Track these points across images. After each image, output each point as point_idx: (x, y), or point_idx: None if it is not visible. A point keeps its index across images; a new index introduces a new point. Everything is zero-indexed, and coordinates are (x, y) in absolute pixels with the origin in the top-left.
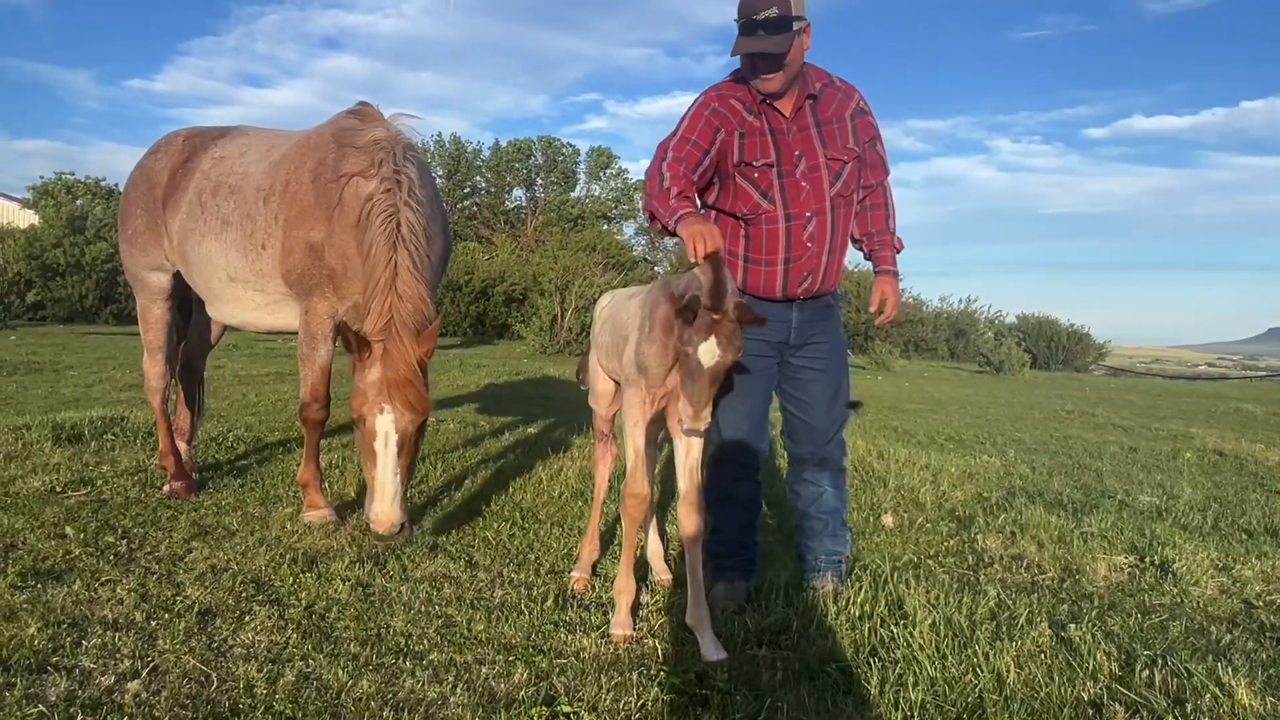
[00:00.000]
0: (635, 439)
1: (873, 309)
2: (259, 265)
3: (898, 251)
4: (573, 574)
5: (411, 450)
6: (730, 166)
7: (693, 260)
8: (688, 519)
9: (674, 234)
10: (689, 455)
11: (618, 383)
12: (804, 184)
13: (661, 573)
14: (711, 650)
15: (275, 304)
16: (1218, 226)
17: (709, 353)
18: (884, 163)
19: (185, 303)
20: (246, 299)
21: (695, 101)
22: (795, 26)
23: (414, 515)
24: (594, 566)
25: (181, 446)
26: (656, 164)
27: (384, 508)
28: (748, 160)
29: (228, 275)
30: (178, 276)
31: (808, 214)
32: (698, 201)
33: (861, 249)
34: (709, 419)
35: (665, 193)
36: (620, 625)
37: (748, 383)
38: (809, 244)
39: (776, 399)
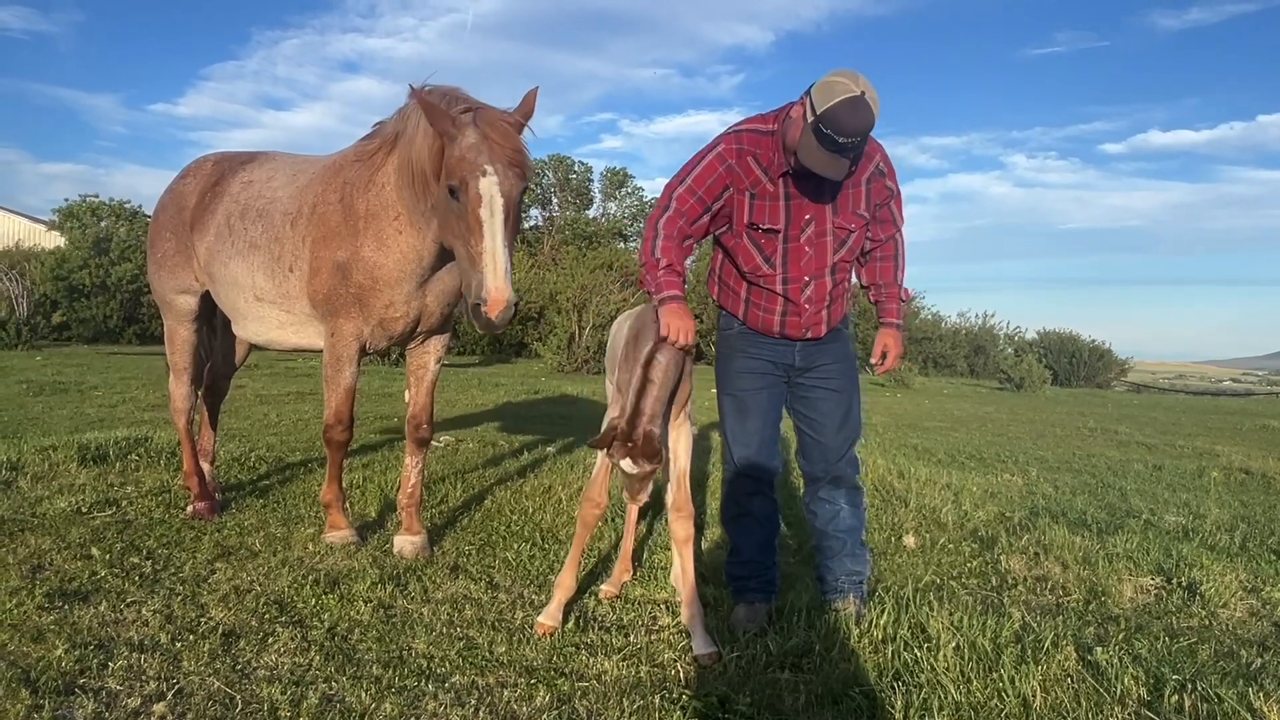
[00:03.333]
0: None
1: (874, 360)
2: (285, 287)
3: (905, 302)
4: (603, 586)
5: (515, 223)
6: (740, 225)
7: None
8: (677, 524)
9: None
10: (677, 464)
11: None
12: (808, 249)
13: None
14: (702, 644)
15: (300, 323)
16: (1239, 241)
17: (629, 466)
18: (895, 220)
19: (210, 324)
20: (272, 318)
21: (712, 150)
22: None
23: (434, 536)
24: (622, 585)
25: (205, 466)
26: (655, 217)
27: (498, 282)
28: (755, 223)
29: (254, 296)
30: (205, 299)
31: (806, 278)
32: (683, 273)
33: (868, 296)
34: (646, 498)
35: (655, 262)
36: (548, 616)
37: (754, 401)
38: (807, 305)
39: (789, 419)
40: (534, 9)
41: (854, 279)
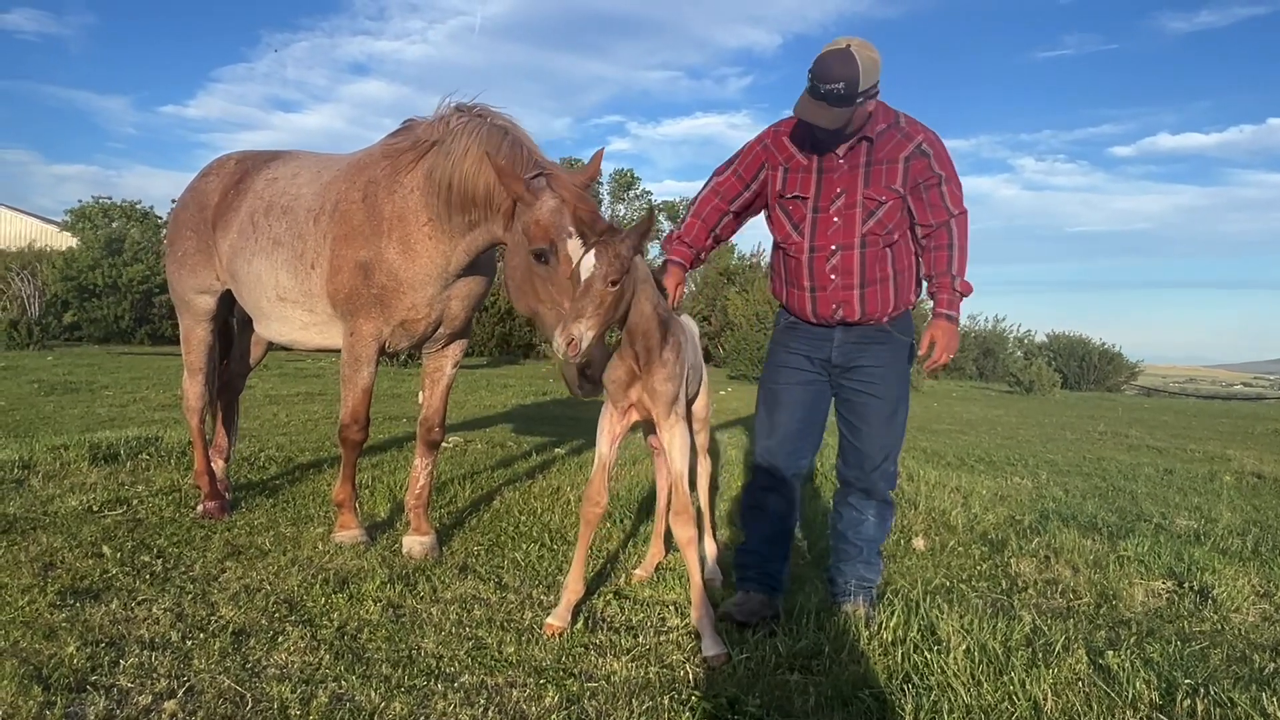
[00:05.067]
0: (601, 448)
1: (921, 351)
2: (308, 285)
3: (963, 295)
4: (635, 571)
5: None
6: (772, 198)
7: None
8: (678, 526)
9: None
10: (671, 468)
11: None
12: (836, 219)
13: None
14: (711, 646)
15: (323, 323)
16: (1250, 244)
17: (586, 265)
18: (946, 204)
19: (226, 324)
20: (295, 318)
21: (757, 135)
22: (859, 101)
23: (442, 537)
24: (657, 566)
25: (219, 464)
26: (699, 193)
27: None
28: (785, 193)
29: (277, 295)
30: (223, 299)
31: (832, 247)
32: (700, 247)
33: (928, 291)
34: (580, 333)
35: (679, 233)
36: (557, 617)
37: (785, 395)
38: (833, 276)
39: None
40: (541, 12)
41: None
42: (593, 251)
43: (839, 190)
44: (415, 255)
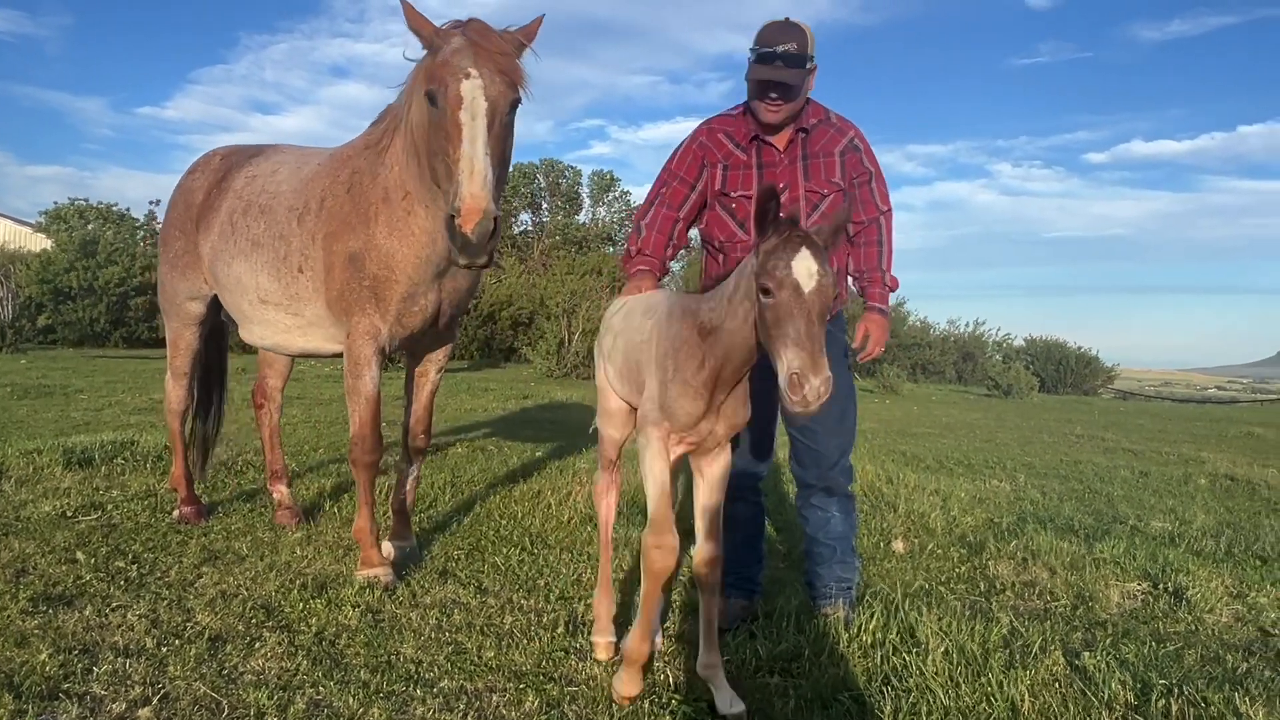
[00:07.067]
0: (657, 474)
1: (855, 345)
2: (294, 288)
3: (891, 290)
4: (594, 639)
5: (502, 136)
6: (712, 195)
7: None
8: (705, 565)
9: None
10: (710, 496)
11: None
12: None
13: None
14: (727, 703)
15: (306, 326)
16: (1223, 250)
17: (807, 271)
18: (876, 200)
19: (217, 328)
20: (278, 321)
21: (688, 136)
22: (808, 65)
23: (422, 541)
24: (614, 623)
25: (281, 489)
26: (640, 213)
27: (474, 189)
28: (728, 191)
29: (258, 298)
30: (211, 304)
31: None
32: (662, 257)
33: (855, 286)
34: (826, 367)
35: (629, 255)
36: (628, 685)
37: None
38: None
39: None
40: (524, 17)
41: (850, 285)
42: (810, 254)
43: (781, 185)
44: (403, 235)
